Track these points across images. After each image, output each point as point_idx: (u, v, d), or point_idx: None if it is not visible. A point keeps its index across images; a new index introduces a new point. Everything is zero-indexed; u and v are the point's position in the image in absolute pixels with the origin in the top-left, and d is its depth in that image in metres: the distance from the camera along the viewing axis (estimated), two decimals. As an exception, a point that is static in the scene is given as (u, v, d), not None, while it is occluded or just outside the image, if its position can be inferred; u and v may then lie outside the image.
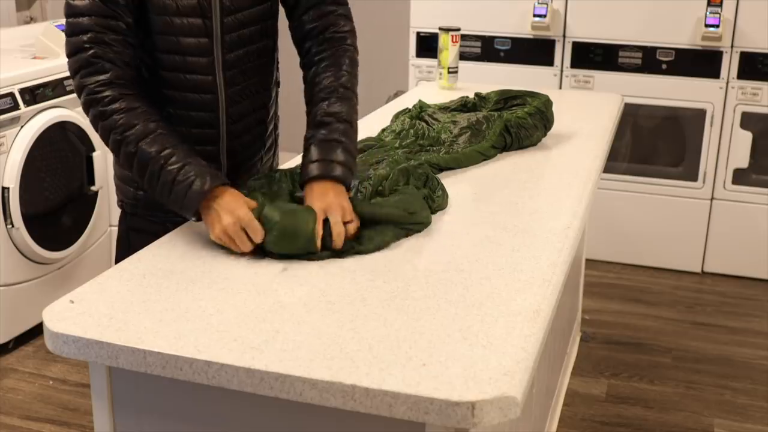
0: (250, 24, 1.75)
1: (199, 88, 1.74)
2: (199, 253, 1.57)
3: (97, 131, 1.64)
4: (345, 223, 1.58)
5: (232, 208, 1.55)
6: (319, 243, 1.54)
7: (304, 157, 1.69)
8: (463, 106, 2.42)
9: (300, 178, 1.68)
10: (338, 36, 1.79)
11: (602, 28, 3.79)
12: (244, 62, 1.78)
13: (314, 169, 1.65)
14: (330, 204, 1.59)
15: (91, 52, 1.60)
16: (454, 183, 1.95)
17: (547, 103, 2.35)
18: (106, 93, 1.60)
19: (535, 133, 2.28)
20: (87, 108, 1.63)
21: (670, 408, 2.85)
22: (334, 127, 1.69)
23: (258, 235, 1.54)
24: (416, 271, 1.52)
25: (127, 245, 1.83)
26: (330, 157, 1.66)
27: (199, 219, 1.60)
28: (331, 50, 1.78)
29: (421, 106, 2.40)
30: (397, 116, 2.38)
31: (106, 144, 1.65)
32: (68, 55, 1.64)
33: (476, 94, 2.46)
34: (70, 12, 1.62)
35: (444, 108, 2.42)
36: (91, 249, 3.46)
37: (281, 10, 1.85)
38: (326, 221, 1.57)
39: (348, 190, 1.66)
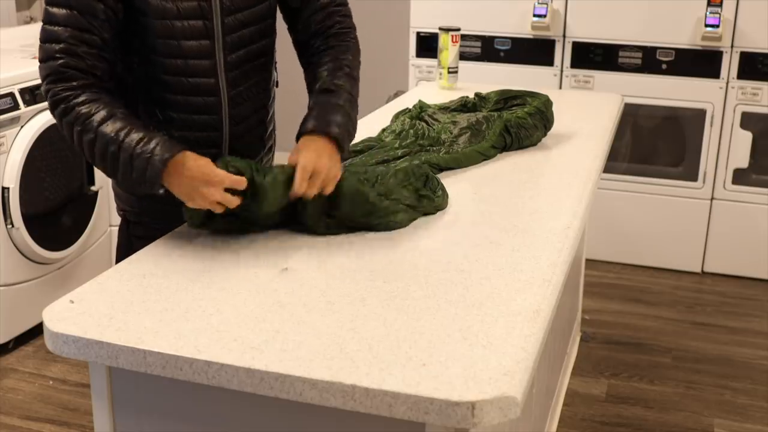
0: (250, 24, 1.75)
1: (202, 91, 1.73)
2: (199, 253, 1.57)
3: (62, 131, 1.60)
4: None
5: (202, 173, 1.53)
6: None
7: (304, 118, 1.71)
8: (463, 106, 2.42)
9: (297, 133, 1.69)
10: (343, 31, 1.84)
11: (602, 28, 3.79)
12: (245, 63, 1.77)
13: (311, 123, 1.68)
14: (321, 167, 1.60)
15: (62, 61, 1.57)
16: (454, 183, 1.95)
17: (547, 103, 2.35)
18: (72, 92, 1.57)
19: (535, 133, 2.28)
20: (53, 109, 1.59)
21: (670, 408, 2.85)
22: (339, 94, 1.73)
23: (240, 184, 1.54)
24: (416, 271, 1.52)
25: (130, 253, 1.82)
26: (329, 117, 1.68)
27: (166, 191, 1.56)
28: (335, 41, 1.83)
29: (421, 106, 2.40)
30: (397, 116, 2.38)
31: (72, 142, 1.59)
32: (40, 60, 1.61)
33: (476, 94, 2.46)
34: (47, 19, 1.59)
35: (444, 108, 2.42)
36: (91, 249, 3.46)
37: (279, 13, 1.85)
38: None
39: (341, 152, 1.67)
